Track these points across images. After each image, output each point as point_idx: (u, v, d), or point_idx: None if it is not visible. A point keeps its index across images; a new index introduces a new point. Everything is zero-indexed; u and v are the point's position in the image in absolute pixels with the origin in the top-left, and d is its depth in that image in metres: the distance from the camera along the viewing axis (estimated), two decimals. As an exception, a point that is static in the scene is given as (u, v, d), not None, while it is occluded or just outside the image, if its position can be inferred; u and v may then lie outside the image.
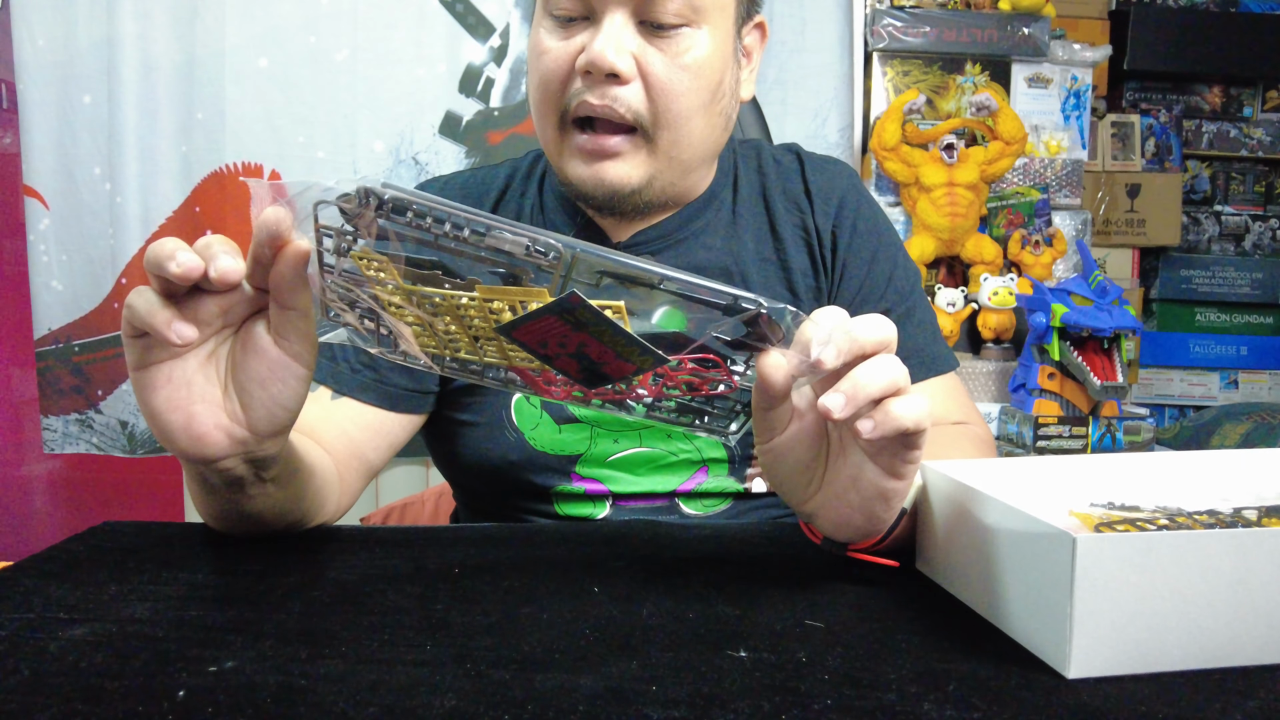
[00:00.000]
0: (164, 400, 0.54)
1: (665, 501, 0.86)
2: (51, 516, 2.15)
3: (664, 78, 0.76)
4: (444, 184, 0.93)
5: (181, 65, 1.95)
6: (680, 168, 0.82)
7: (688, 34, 0.76)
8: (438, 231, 0.49)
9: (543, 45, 0.78)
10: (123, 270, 1.96)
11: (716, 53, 0.78)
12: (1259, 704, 0.43)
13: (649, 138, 0.78)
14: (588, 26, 0.76)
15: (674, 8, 0.75)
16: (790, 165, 0.93)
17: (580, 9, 0.76)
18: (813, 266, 0.89)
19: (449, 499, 1.41)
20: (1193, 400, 2.59)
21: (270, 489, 0.62)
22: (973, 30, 2.07)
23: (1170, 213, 2.43)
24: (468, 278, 0.50)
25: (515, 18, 2.03)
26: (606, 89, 0.75)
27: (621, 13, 0.75)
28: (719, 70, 0.79)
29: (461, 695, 0.43)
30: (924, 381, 0.88)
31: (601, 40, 0.74)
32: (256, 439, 0.57)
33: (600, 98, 0.75)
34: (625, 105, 0.76)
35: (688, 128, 0.79)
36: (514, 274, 0.50)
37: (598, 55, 0.74)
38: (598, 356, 0.51)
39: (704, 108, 0.79)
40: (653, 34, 0.76)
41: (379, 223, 0.49)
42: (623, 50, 0.74)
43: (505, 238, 0.49)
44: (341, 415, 0.81)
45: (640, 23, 0.75)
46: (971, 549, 0.55)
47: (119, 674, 0.45)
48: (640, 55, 0.76)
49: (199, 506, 0.66)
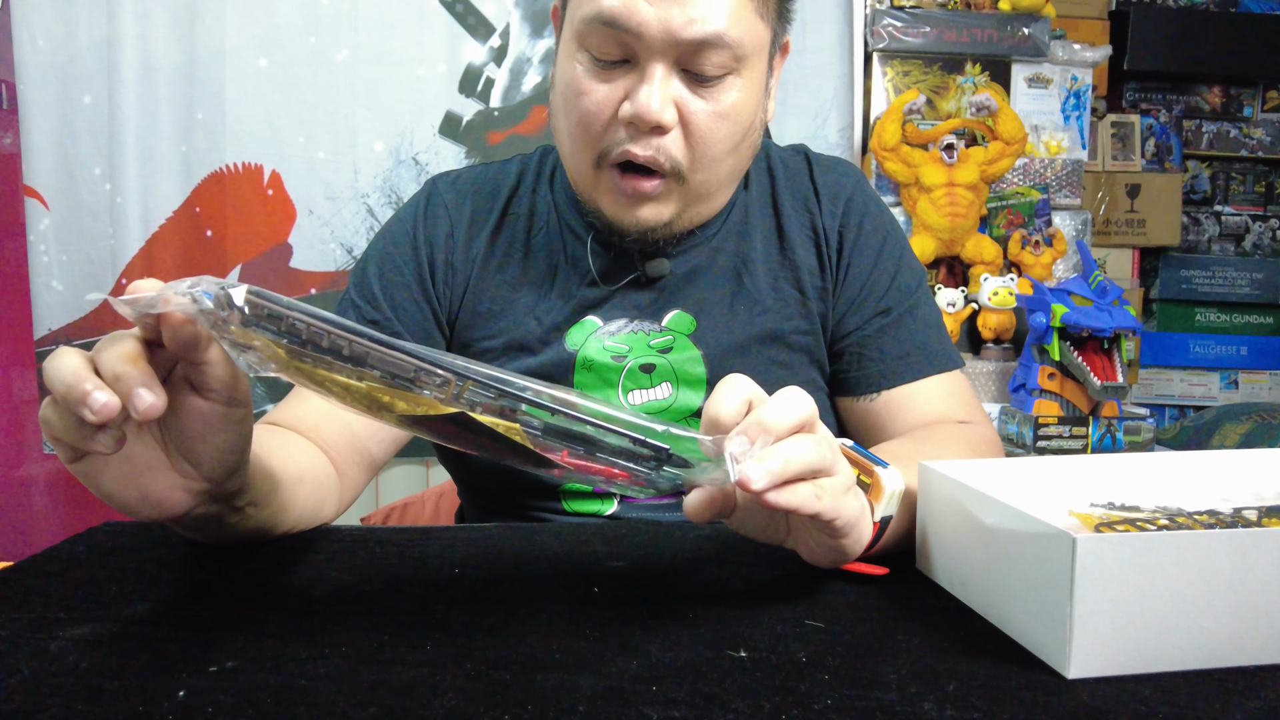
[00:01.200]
0: (111, 481, 0.52)
1: (673, 499, 0.86)
2: (51, 516, 2.15)
3: (704, 127, 0.76)
4: (454, 180, 0.92)
5: (181, 65, 1.95)
6: (709, 200, 0.83)
7: (729, 82, 0.76)
8: (312, 346, 0.46)
9: (581, 85, 0.77)
10: (123, 270, 1.97)
11: (752, 94, 0.78)
12: (1259, 704, 0.43)
13: (682, 180, 0.78)
14: (630, 71, 0.75)
15: (718, 59, 0.74)
16: (798, 166, 0.93)
17: (622, 54, 0.75)
18: (820, 266, 0.89)
19: (449, 499, 1.41)
20: (1193, 400, 2.59)
21: (250, 512, 0.61)
22: (973, 30, 2.07)
23: (1170, 213, 2.43)
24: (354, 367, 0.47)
25: (515, 18, 2.04)
26: (649, 140, 0.76)
27: (665, 63, 0.74)
28: (753, 111, 0.80)
29: (461, 695, 0.43)
30: (928, 379, 0.88)
31: (646, 93, 0.73)
32: (216, 483, 0.55)
33: (644, 149, 0.76)
34: (666, 155, 0.76)
35: (720, 168, 0.80)
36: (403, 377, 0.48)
37: (644, 109, 0.73)
38: (496, 451, 0.50)
39: (736, 148, 0.80)
40: (695, 83, 0.75)
41: (251, 328, 0.46)
42: (667, 103, 0.74)
43: (391, 360, 0.46)
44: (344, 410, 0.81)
45: (683, 70, 0.75)
46: (971, 549, 0.55)
47: (119, 674, 0.45)
48: (682, 104, 0.75)
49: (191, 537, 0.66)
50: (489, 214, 0.89)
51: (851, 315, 0.89)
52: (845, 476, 0.54)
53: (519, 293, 0.87)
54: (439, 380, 0.47)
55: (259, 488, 0.61)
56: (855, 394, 0.89)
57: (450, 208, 0.90)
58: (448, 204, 0.90)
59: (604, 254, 0.87)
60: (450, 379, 0.47)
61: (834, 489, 0.52)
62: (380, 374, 0.47)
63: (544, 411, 0.48)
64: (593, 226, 0.86)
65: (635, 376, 0.85)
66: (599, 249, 0.87)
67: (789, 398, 0.51)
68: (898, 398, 0.87)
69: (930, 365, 0.88)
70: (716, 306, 0.87)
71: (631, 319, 0.86)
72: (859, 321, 0.88)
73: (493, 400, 0.48)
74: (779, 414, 0.50)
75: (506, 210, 0.90)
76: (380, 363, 0.47)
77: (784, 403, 0.51)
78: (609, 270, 0.86)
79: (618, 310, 0.86)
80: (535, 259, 0.88)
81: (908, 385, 0.87)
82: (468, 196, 0.90)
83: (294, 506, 0.67)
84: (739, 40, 0.74)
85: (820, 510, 0.51)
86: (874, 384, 0.88)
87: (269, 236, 2.00)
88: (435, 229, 0.89)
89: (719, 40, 0.73)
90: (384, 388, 0.47)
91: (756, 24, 0.76)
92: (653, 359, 0.85)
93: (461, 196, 0.90)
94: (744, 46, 0.75)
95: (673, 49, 0.73)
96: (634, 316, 0.86)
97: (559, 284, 0.87)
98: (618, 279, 0.86)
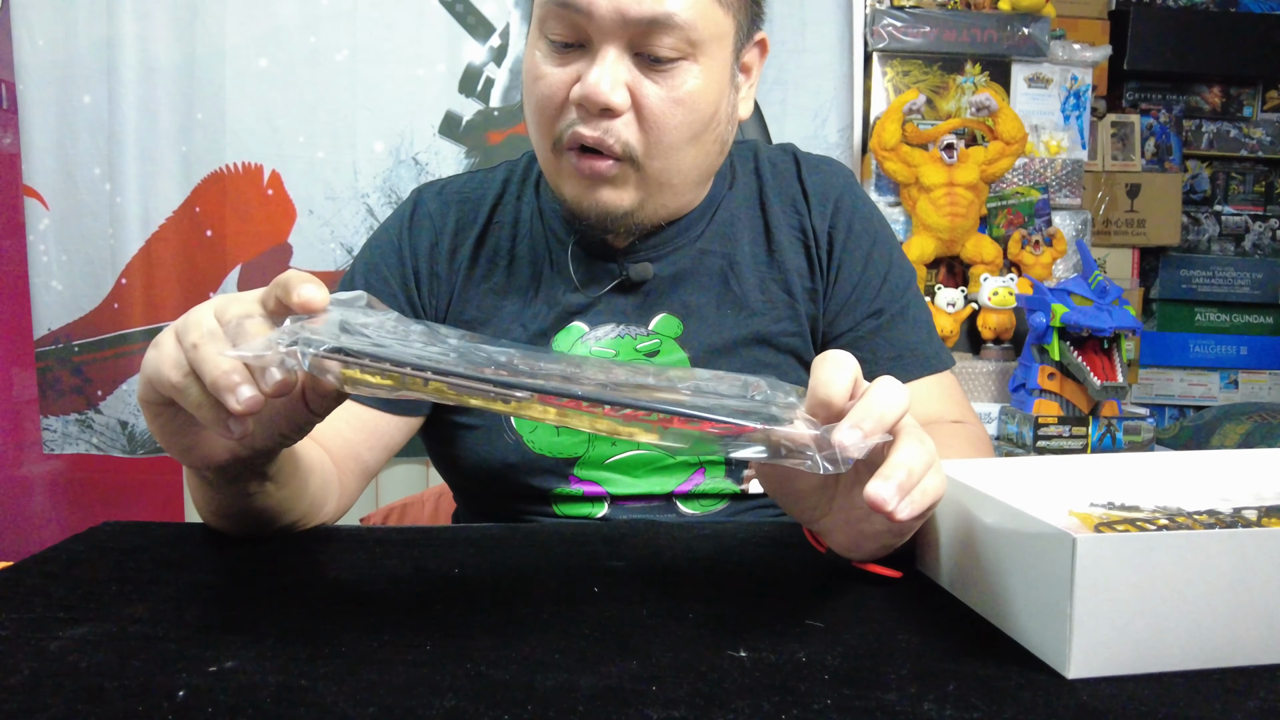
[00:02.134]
0: (172, 424, 0.55)
1: (662, 502, 0.86)
2: (51, 516, 2.15)
3: (657, 111, 0.76)
4: (439, 190, 0.92)
5: (181, 65, 1.95)
6: (671, 192, 0.82)
7: (684, 67, 0.76)
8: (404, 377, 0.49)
9: (538, 69, 0.78)
10: (122, 270, 1.97)
11: (712, 83, 0.78)
12: (1259, 704, 0.43)
13: (638, 166, 0.78)
14: (583, 54, 0.76)
15: (670, 42, 0.74)
16: (786, 167, 0.93)
17: (576, 36, 0.75)
18: (809, 267, 0.89)
19: (449, 499, 1.41)
20: (1193, 400, 2.59)
21: (270, 487, 0.63)
22: (973, 30, 2.07)
23: (1170, 213, 2.43)
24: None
25: (515, 18, 2.04)
26: (599, 121, 0.76)
27: (617, 45, 0.74)
28: (714, 101, 0.79)
29: (461, 695, 0.43)
30: (919, 379, 0.88)
31: (596, 74, 0.74)
32: (260, 454, 0.58)
33: (593, 129, 0.76)
34: (616, 137, 0.76)
35: (677, 157, 0.79)
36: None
37: (592, 90, 0.74)
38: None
39: (696, 138, 0.79)
40: (648, 66, 0.75)
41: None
42: (617, 84, 0.74)
43: (492, 392, 0.48)
44: (338, 417, 0.81)
45: (636, 54, 0.75)
46: (971, 549, 0.55)
47: (119, 674, 0.45)
48: (634, 87, 0.75)
49: (199, 503, 0.66)
50: (473, 224, 0.90)
51: (843, 317, 0.89)
52: (938, 459, 0.53)
53: (504, 300, 0.87)
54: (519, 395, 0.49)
55: (286, 463, 0.63)
56: None
57: (435, 218, 0.90)
58: (432, 214, 0.90)
59: (586, 259, 0.87)
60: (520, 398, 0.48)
61: (939, 481, 0.52)
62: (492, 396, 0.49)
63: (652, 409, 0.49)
64: (572, 229, 0.86)
65: None
66: (580, 253, 0.87)
67: (893, 391, 0.51)
68: None
69: (923, 366, 0.88)
70: (703, 309, 0.87)
71: (618, 324, 0.86)
72: (851, 323, 0.88)
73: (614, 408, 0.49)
74: (891, 407, 0.50)
75: (491, 219, 0.90)
76: (485, 397, 0.48)
77: (891, 395, 0.51)
78: (592, 275, 0.86)
79: (604, 316, 0.86)
80: (519, 266, 0.88)
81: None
82: (452, 206, 0.91)
83: (305, 495, 0.68)
84: (690, 22, 0.74)
85: (926, 508, 0.51)
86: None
87: (269, 236, 2.00)
88: (420, 239, 0.89)
89: (669, 20, 0.73)
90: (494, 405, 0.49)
91: (714, 10, 0.76)
92: (639, 362, 0.85)
93: (446, 206, 0.91)
94: (697, 30, 0.74)
95: (623, 29, 0.73)
96: (620, 321, 0.86)
97: (543, 290, 0.87)
98: (602, 284, 0.86)
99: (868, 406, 0.50)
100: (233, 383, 0.48)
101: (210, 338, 0.50)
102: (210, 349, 0.49)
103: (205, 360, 0.49)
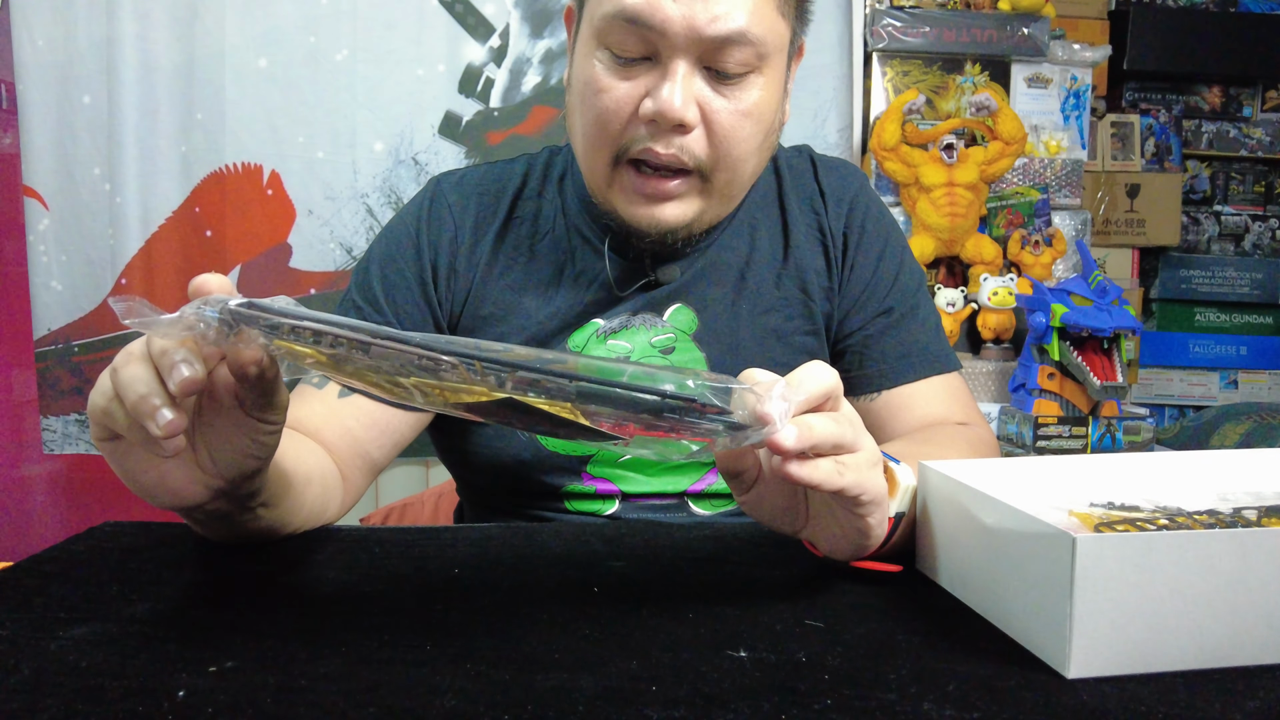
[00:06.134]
0: (135, 463, 0.54)
1: (675, 501, 0.86)
2: (51, 516, 2.15)
3: (728, 126, 0.75)
4: (459, 181, 0.91)
5: (181, 65, 1.95)
6: (730, 201, 0.83)
7: (751, 80, 0.75)
8: (322, 341, 0.48)
9: (600, 82, 0.75)
10: (122, 270, 1.96)
11: (773, 93, 0.78)
12: (1259, 704, 0.43)
13: (705, 179, 0.78)
14: (650, 68, 0.74)
15: (740, 57, 0.73)
16: (803, 167, 0.93)
17: (643, 50, 0.74)
18: (827, 267, 0.89)
19: (449, 499, 1.41)
20: (1193, 400, 2.59)
21: (261, 512, 0.62)
22: (972, 30, 2.07)
23: (1170, 213, 2.43)
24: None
25: (515, 18, 2.03)
26: (671, 138, 0.75)
27: (688, 60, 0.73)
28: (775, 110, 0.79)
29: (461, 695, 0.43)
30: (926, 379, 0.88)
31: (670, 90, 0.72)
32: (233, 484, 0.57)
33: (666, 146, 0.75)
34: (689, 154, 0.75)
35: (743, 169, 0.79)
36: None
37: (667, 106, 0.72)
38: (554, 427, 0.50)
39: (759, 148, 0.79)
40: (717, 81, 0.75)
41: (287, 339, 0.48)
42: (689, 100, 0.73)
43: (392, 349, 0.47)
44: (346, 413, 0.81)
45: (705, 68, 0.74)
46: (971, 549, 0.55)
47: (119, 674, 0.45)
48: (704, 102, 0.75)
49: (196, 530, 0.66)
50: (494, 217, 0.89)
51: (854, 315, 0.89)
52: (871, 452, 0.54)
53: (523, 297, 0.87)
54: (444, 368, 0.47)
55: (272, 489, 0.62)
56: (855, 394, 0.89)
57: (454, 210, 0.89)
58: (451, 205, 0.89)
59: (619, 261, 0.86)
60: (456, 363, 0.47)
61: (858, 464, 0.53)
62: (418, 370, 0.48)
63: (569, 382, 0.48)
64: (608, 230, 0.85)
65: None
66: (614, 256, 0.86)
67: (816, 368, 0.53)
68: (898, 398, 0.87)
69: (930, 366, 0.89)
70: (719, 305, 0.87)
71: (634, 312, 0.86)
72: (861, 321, 0.89)
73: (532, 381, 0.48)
74: (812, 381, 0.52)
75: (512, 213, 0.89)
76: (403, 364, 0.47)
77: (815, 372, 0.52)
78: (622, 277, 0.86)
79: (620, 307, 0.86)
80: (540, 263, 0.87)
81: (908, 386, 0.87)
82: (472, 198, 0.89)
83: (302, 508, 0.68)
84: (761, 37, 0.73)
85: (844, 485, 0.52)
86: (874, 384, 0.88)
87: (268, 236, 2.00)
88: (439, 232, 0.88)
89: (742, 37, 0.72)
90: (429, 384, 0.48)
91: (778, 22, 0.76)
92: (655, 360, 0.85)
93: (466, 198, 0.89)
94: (766, 44, 0.74)
95: (695, 46, 0.72)
96: (635, 310, 0.86)
97: (564, 288, 0.86)
98: (629, 285, 0.86)
99: (785, 379, 0.51)
100: (152, 407, 0.49)
101: (128, 359, 0.50)
102: (128, 371, 0.50)
103: (123, 383, 0.50)
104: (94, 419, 0.52)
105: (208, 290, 0.50)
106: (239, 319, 0.48)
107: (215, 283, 0.51)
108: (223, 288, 0.51)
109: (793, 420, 0.50)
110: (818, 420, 0.51)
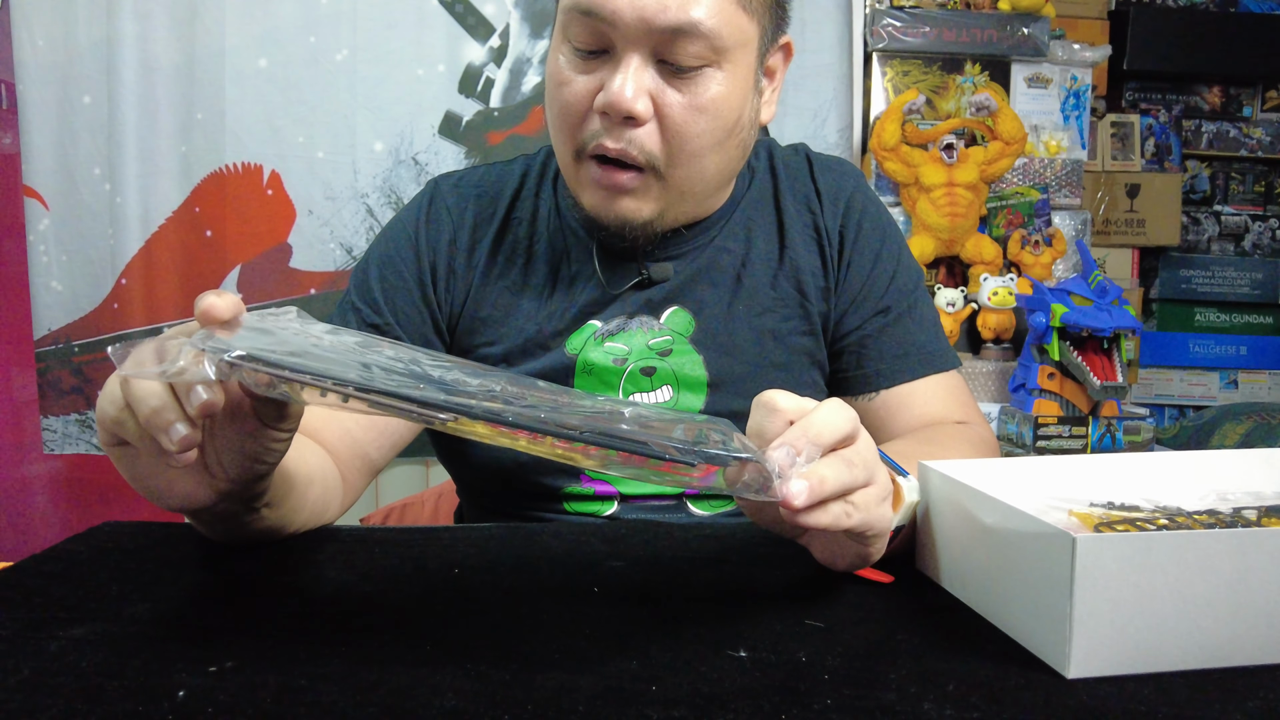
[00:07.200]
0: (143, 467, 0.54)
1: (673, 502, 0.86)
2: (51, 516, 2.15)
3: (680, 120, 0.75)
4: (457, 182, 0.92)
5: (181, 65, 1.95)
6: (693, 199, 0.82)
7: (707, 74, 0.75)
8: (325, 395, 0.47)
9: (562, 75, 0.77)
10: (122, 270, 1.96)
11: (736, 90, 0.77)
12: (1259, 704, 0.43)
13: (660, 175, 0.78)
14: (607, 61, 0.75)
15: (694, 50, 0.73)
16: (799, 166, 0.93)
17: (599, 43, 0.74)
18: (823, 266, 0.89)
19: (449, 499, 1.41)
20: (1193, 400, 2.59)
21: (265, 513, 0.62)
22: (972, 30, 2.07)
23: (1170, 213, 2.43)
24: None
25: (515, 18, 2.04)
26: (623, 131, 0.75)
27: (640, 53, 0.73)
28: (737, 107, 0.78)
29: (461, 695, 0.43)
30: (926, 378, 0.88)
31: (619, 82, 0.73)
32: (240, 487, 0.56)
33: (616, 140, 0.75)
34: (639, 148, 0.75)
35: (700, 164, 0.78)
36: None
37: (616, 97, 0.73)
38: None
39: (719, 145, 0.78)
40: (672, 74, 0.74)
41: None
42: (640, 92, 0.73)
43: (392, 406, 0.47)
44: (345, 415, 0.81)
45: (660, 61, 0.74)
46: (971, 549, 0.55)
47: (119, 674, 0.45)
48: (658, 95, 0.74)
49: (198, 530, 0.66)
50: (491, 219, 0.89)
51: (851, 314, 0.89)
52: (882, 486, 0.54)
53: (521, 298, 0.87)
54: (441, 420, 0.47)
55: (276, 490, 0.62)
56: (854, 394, 0.89)
57: (453, 212, 0.89)
58: (450, 208, 0.89)
59: (608, 258, 0.86)
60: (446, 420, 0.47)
61: (867, 503, 0.53)
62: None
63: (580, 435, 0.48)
64: (595, 231, 0.85)
65: (636, 379, 0.85)
66: (603, 253, 0.86)
67: (833, 411, 0.52)
68: (896, 397, 0.87)
69: (928, 365, 0.88)
70: (715, 306, 0.87)
71: (631, 315, 0.86)
72: (858, 320, 0.89)
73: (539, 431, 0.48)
74: (827, 427, 0.51)
75: (510, 214, 0.89)
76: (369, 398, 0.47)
77: (829, 416, 0.52)
78: (614, 275, 0.86)
79: (617, 309, 0.86)
80: (537, 264, 0.88)
81: (906, 385, 0.87)
82: (470, 200, 0.90)
83: (304, 509, 0.68)
84: (715, 30, 0.73)
85: (852, 526, 0.52)
86: (873, 383, 0.88)
87: (268, 237, 2.00)
88: (438, 234, 0.88)
89: (694, 28, 0.72)
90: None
91: (738, 16, 0.75)
92: (653, 362, 0.85)
93: (464, 200, 0.90)
94: (722, 38, 0.74)
95: (647, 37, 0.72)
96: (632, 313, 0.86)
97: (560, 289, 0.86)
98: (622, 283, 0.86)
99: (803, 426, 0.51)
100: (166, 422, 0.48)
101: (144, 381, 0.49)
102: (141, 385, 0.49)
103: (136, 397, 0.49)
104: (103, 426, 0.52)
105: (216, 316, 0.48)
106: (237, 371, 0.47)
107: (224, 305, 0.49)
108: (231, 308, 0.49)
109: (804, 474, 0.49)
110: (830, 471, 0.50)
